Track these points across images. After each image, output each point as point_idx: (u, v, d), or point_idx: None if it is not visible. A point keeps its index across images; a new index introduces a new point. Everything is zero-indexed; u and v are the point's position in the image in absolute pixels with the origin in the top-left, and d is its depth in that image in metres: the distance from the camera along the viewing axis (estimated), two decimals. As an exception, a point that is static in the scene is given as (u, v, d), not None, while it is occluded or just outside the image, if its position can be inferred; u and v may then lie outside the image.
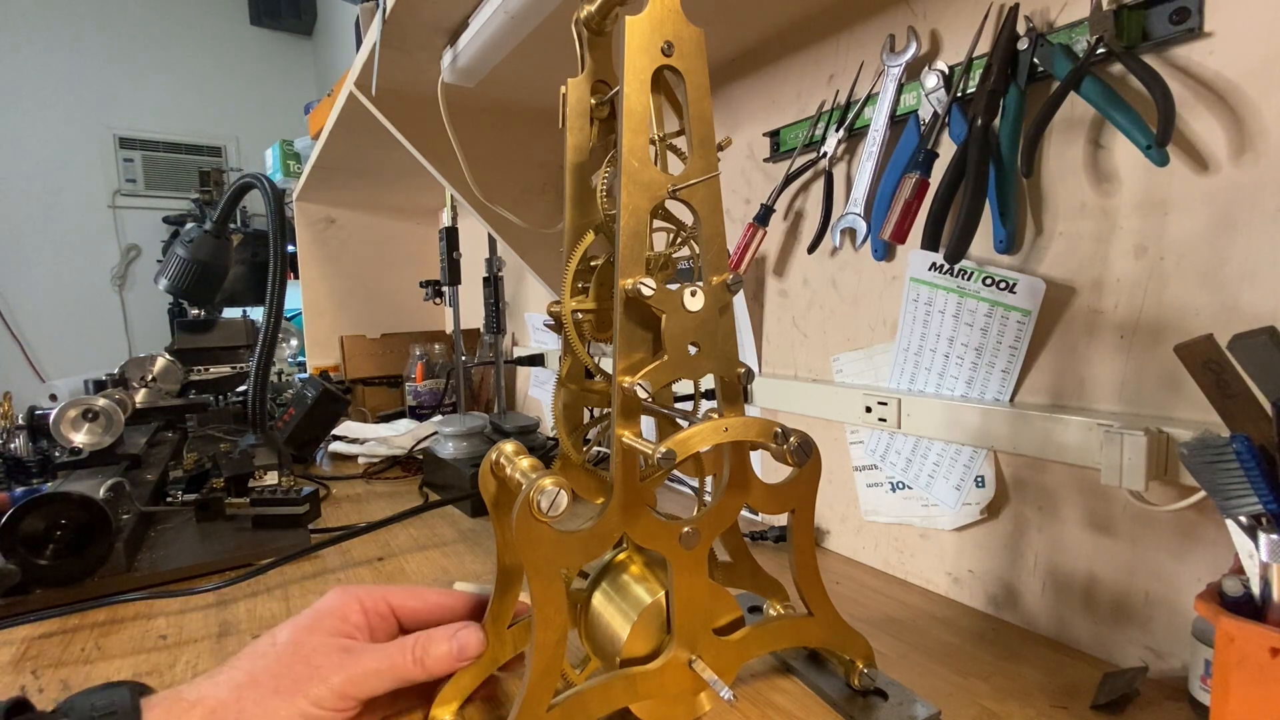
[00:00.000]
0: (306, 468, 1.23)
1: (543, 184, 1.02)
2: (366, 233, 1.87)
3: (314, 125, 1.66)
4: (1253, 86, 0.43)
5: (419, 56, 0.83)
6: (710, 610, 0.43)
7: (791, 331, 0.80)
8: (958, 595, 0.63)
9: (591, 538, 0.39)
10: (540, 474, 0.38)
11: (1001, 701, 0.47)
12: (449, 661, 0.42)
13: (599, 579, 0.45)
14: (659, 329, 0.39)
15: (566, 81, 0.44)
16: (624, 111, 0.37)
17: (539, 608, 0.38)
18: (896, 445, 0.68)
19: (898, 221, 0.59)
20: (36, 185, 3.77)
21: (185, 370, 1.31)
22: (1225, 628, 0.33)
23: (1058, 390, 0.54)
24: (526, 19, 0.68)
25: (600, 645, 0.44)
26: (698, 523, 0.41)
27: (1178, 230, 0.47)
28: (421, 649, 0.41)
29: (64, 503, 0.65)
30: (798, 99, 0.76)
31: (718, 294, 0.40)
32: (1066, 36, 0.51)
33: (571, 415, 0.48)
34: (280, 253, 1.01)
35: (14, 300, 3.73)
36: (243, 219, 3.45)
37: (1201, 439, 0.34)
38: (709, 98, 0.40)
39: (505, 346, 1.54)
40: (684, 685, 0.42)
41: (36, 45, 3.73)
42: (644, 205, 0.38)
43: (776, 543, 0.76)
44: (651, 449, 0.37)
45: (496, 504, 0.44)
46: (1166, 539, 0.48)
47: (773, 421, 0.42)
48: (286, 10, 4.28)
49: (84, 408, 0.87)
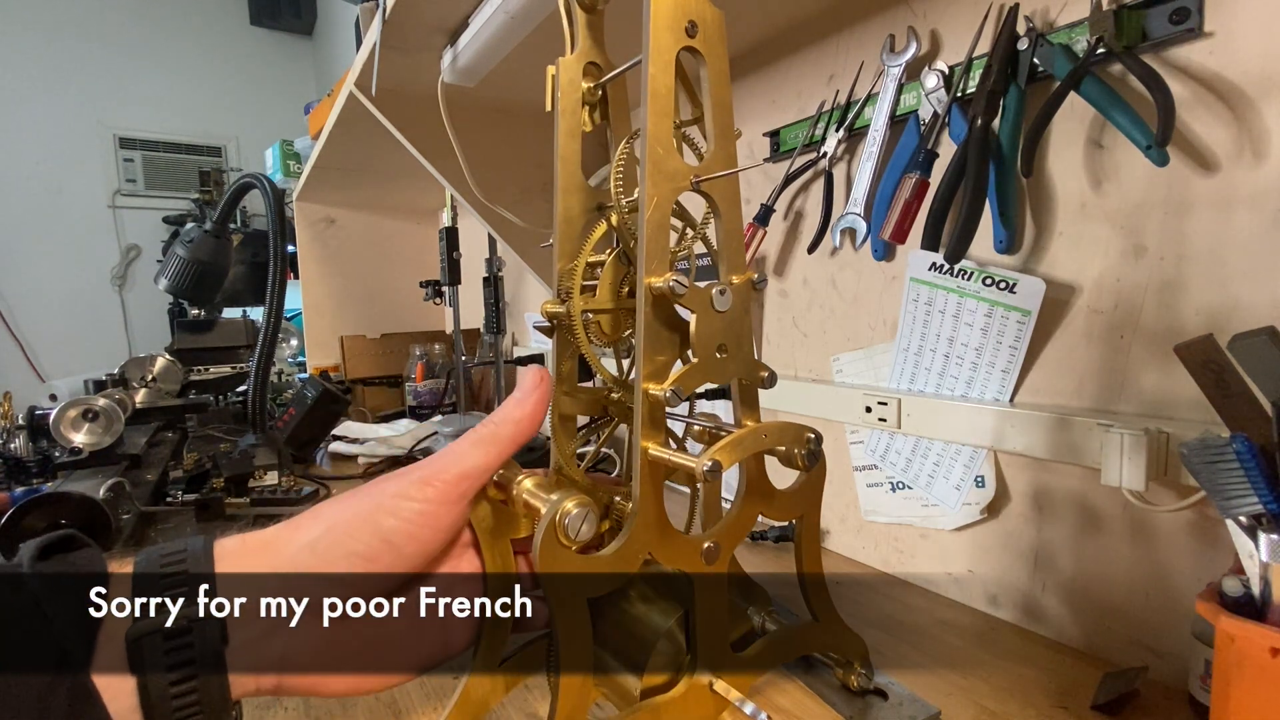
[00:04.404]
0: (306, 468, 1.23)
1: (543, 184, 1.02)
2: (366, 233, 1.87)
3: (314, 125, 1.66)
4: (1253, 87, 0.43)
5: (419, 56, 0.83)
6: (729, 627, 0.41)
7: (791, 331, 0.80)
8: (958, 595, 0.63)
9: (619, 560, 0.35)
10: (564, 495, 0.34)
11: (1001, 701, 0.47)
12: (520, 403, 0.36)
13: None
14: (683, 330, 0.37)
15: (556, 61, 0.41)
16: (648, 94, 0.34)
17: (565, 643, 0.34)
18: (896, 445, 0.68)
19: (898, 221, 0.59)
20: (36, 185, 3.76)
21: (185, 370, 1.31)
22: (1225, 628, 0.33)
23: (1058, 390, 0.54)
24: (526, 19, 0.68)
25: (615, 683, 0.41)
26: (717, 536, 0.39)
27: (1178, 230, 0.47)
28: (492, 417, 0.36)
29: (64, 502, 0.65)
30: (798, 99, 0.76)
31: (743, 293, 0.38)
32: (1066, 36, 0.51)
33: (569, 425, 0.44)
34: (280, 253, 1.01)
35: (14, 300, 3.73)
36: (243, 219, 3.45)
37: (1201, 439, 0.34)
38: (729, 84, 0.37)
39: (505, 346, 1.54)
40: (706, 709, 0.40)
41: (36, 45, 3.72)
42: (668, 196, 0.36)
43: (777, 543, 0.76)
44: (692, 462, 0.34)
45: (492, 531, 0.36)
46: (1166, 539, 0.48)
47: (806, 426, 0.40)
48: (286, 10, 4.28)
49: (84, 408, 0.87)
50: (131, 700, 0.26)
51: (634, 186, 0.37)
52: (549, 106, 0.42)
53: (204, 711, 0.27)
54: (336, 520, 0.32)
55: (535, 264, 1.11)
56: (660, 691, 0.39)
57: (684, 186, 0.36)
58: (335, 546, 0.31)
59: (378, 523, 0.31)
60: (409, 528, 0.32)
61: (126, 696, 0.26)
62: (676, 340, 0.37)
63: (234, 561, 0.30)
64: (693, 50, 0.36)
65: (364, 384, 1.72)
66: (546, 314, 0.43)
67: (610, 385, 0.45)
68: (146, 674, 0.26)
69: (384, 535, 0.31)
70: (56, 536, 0.29)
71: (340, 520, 0.32)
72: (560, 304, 0.42)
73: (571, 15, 0.41)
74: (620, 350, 0.45)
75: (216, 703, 0.28)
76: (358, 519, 0.31)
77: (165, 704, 0.26)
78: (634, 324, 0.38)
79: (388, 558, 0.31)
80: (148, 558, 0.29)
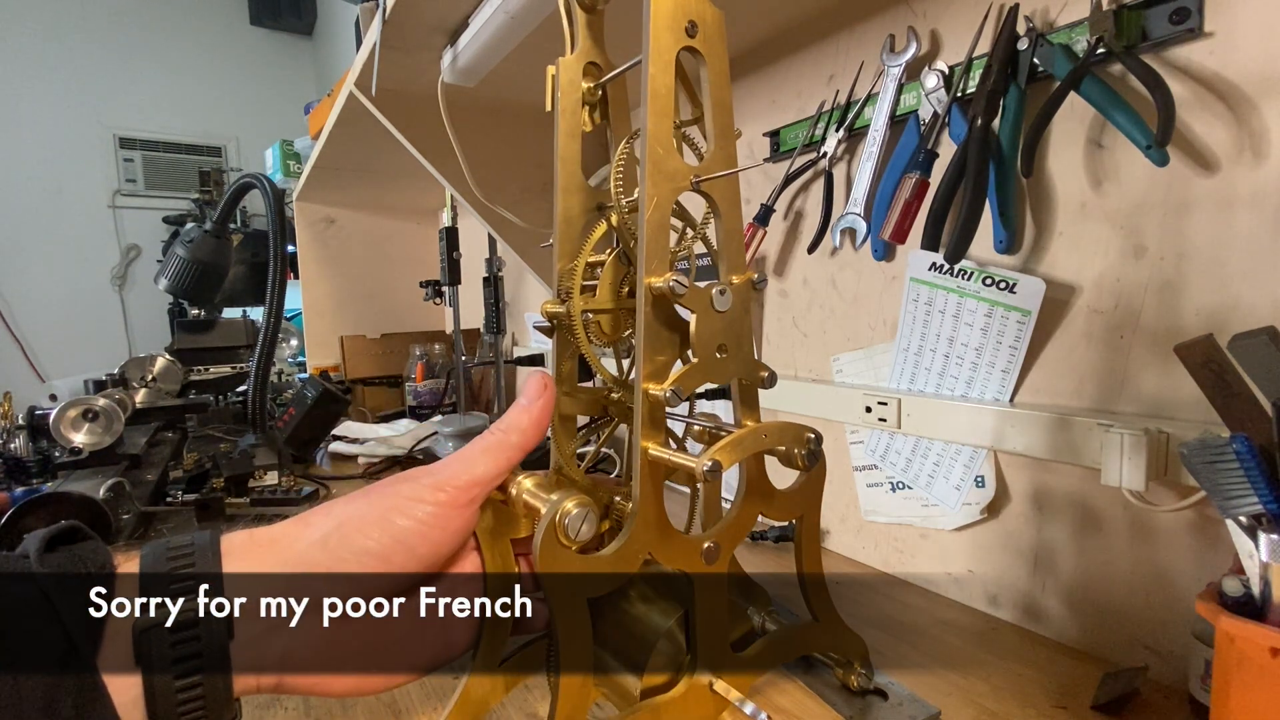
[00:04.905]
0: (306, 468, 1.23)
1: (543, 184, 1.02)
2: (366, 233, 1.87)
3: (314, 125, 1.66)
4: (1252, 87, 0.43)
5: (419, 56, 0.83)
6: (729, 627, 0.41)
7: (791, 331, 0.80)
8: (958, 595, 0.63)
9: (619, 560, 0.35)
10: (563, 495, 0.34)
11: (1001, 701, 0.47)
12: (526, 410, 0.36)
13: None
14: (683, 330, 0.37)
15: (556, 61, 0.41)
16: (648, 94, 0.34)
17: (565, 643, 0.34)
18: (896, 445, 0.68)
19: (898, 221, 0.59)
20: (36, 185, 3.76)
21: (185, 370, 1.31)
22: (1225, 628, 0.33)
23: (1058, 390, 0.54)
24: (526, 19, 0.68)
25: (615, 682, 0.41)
26: (717, 536, 0.39)
27: (1178, 230, 0.47)
28: (499, 425, 0.36)
29: (64, 502, 0.65)
30: (798, 99, 0.76)
31: (744, 293, 0.38)
32: (1066, 36, 0.51)
33: (569, 425, 0.44)
34: (280, 253, 1.01)
35: (14, 300, 3.73)
36: (243, 219, 3.45)
37: (1201, 439, 0.34)
38: (729, 84, 0.37)
39: (505, 346, 1.54)
40: (706, 709, 0.40)
41: (36, 45, 3.72)
42: (668, 196, 0.36)
43: (777, 543, 0.76)
44: (692, 462, 0.34)
45: (493, 531, 0.36)
46: (1166, 539, 0.48)
47: (806, 426, 0.40)
48: (286, 10, 4.28)
49: (84, 408, 0.87)
50: (134, 694, 0.26)
51: (634, 186, 0.37)
52: (549, 106, 0.42)
53: (207, 709, 0.27)
54: (349, 517, 0.31)
55: (535, 264, 1.11)
56: (660, 691, 0.39)
57: (684, 186, 0.36)
58: (347, 543, 0.31)
59: (391, 522, 0.31)
60: (422, 528, 0.32)
61: (130, 691, 0.26)
62: (676, 340, 0.37)
63: (241, 558, 0.30)
64: (693, 50, 0.36)
65: (364, 384, 1.72)
66: (546, 314, 0.42)
67: (610, 385, 0.45)
68: (153, 671, 0.26)
69: (397, 534, 0.31)
70: (60, 529, 0.29)
71: (353, 517, 0.31)
72: (560, 304, 0.42)
73: (571, 15, 0.41)
74: (620, 350, 0.45)
75: (220, 700, 0.28)
76: (371, 517, 0.32)
77: (170, 701, 0.26)
78: (634, 324, 0.38)
79: (400, 557, 0.31)
80: (154, 552, 0.29)
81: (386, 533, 0.31)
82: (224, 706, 0.28)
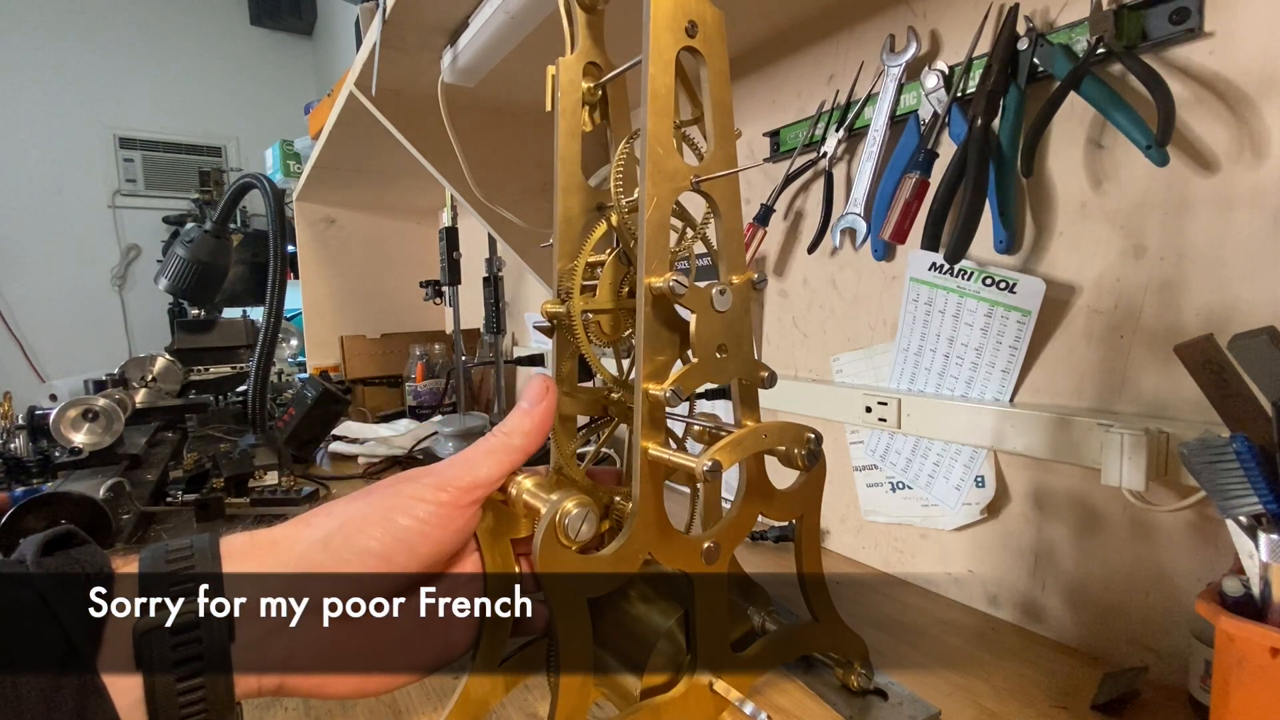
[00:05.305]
0: (306, 468, 1.23)
1: (543, 184, 1.02)
2: (366, 233, 1.87)
3: (314, 125, 1.66)
4: (1252, 87, 0.43)
5: (419, 56, 0.83)
6: (729, 627, 0.41)
7: (791, 331, 0.80)
8: (958, 595, 0.63)
9: (619, 560, 0.35)
10: (563, 495, 0.34)
11: (1001, 701, 0.47)
12: (528, 413, 0.36)
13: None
14: (683, 330, 0.37)
15: (556, 61, 0.41)
16: (648, 94, 0.34)
17: (565, 643, 0.34)
18: (896, 445, 0.68)
19: (898, 221, 0.59)
20: (36, 185, 3.76)
21: (185, 370, 1.31)
22: (1225, 628, 0.33)
23: (1058, 390, 0.54)
24: (526, 19, 0.68)
25: (615, 683, 0.41)
26: (717, 536, 0.39)
27: (1178, 230, 0.47)
28: (502, 427, 0.36)
29: (64, 502, 0.65)
30: (798, 99, 0.76)
31: (743, 293, 0.38)
32: (1066, 36, 0.51)
33: (569, 425, 0.44)
34: (280, 253, 1.01)
35: (14, 300, 3.73)
36: (243, 219, 3.45)
37: (1201, 439, 0.34)
38: (729, 84, 0.38)
39: (505, 346, 1.54)
40: (706, 709, 0.40)
41: (36, 45, 3.72)
42: (668, 196, 0.36)
43: (777, 542, 0.76)
44: (692, 462, 0.34)
45: (493, 531, 0.36)
46: (1166, 539, 0.48)
47: (806, 426, 0.40)
48: (286, 10, 4.28)
49: (84, 408, 0.87)
50: (135, 697, 0.26)
51: (634, 186, 0.37)
52: (549, 106, 0.42)
53: (209, 711, 0.27)
54: (350, 517, 0.31)
55: (535, 264, 1.11)
56: (660, 691, 0.39)
57: (684, 186, 0.36)
58: (349, 543, 0.31)
59: (393, 521, 0.31)
60: (424, 528, 0.32)
61: (131, 693, 0.26)
62: (676, 340, 0.37)
63: (241, 559, 0.30)
64: (693, 50, 0.36)
65: (364, 384, 1.72)
66: (546, 314, 0.42)
67: (610, 385, 0.45)
68: (154, 673, 0.26)
69: (398, 534, 0.31)
70: (56, 533, 0.29)
71: (355, 517, 0.31)
72: (560, 304, 0.42)
73: (571, 15, 0.41)
74: (620, 350, 0.45)
75: (222, 702, 0.28)
76: (372, 516, 0.32)
77: (171, 702, 0.26)
78: (634, 324, 0.37)
79: (402, 557, 0.31)
80: (153, 555, 0.29)
81: (389, 532, 0.31)
82: (226, 708, 0.28)
